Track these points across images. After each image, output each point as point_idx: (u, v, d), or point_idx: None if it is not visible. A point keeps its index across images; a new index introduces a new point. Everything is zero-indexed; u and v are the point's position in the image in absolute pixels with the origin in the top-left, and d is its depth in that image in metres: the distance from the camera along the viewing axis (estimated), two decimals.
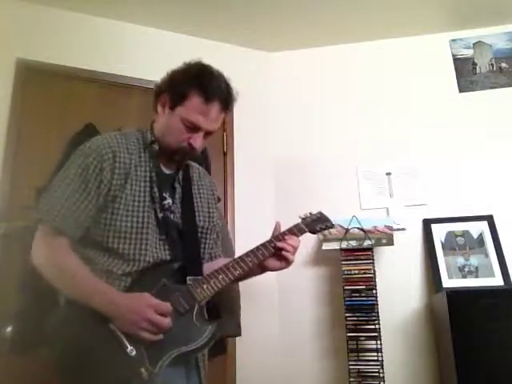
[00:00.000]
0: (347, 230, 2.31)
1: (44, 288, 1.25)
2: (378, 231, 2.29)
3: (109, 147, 1.27)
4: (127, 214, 1.24)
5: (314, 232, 1.44)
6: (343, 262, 2.25)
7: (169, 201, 1.34)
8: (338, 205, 2.41)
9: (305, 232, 1.41)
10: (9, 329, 1.48)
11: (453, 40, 2.64)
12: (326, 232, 1.47)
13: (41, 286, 1.26)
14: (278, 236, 1.36)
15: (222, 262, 1.39)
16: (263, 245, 1.34)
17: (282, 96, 2.75)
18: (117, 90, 2.42)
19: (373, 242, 2.26)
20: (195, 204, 1.41)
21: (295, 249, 1.35)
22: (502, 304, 1.84)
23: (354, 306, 2.18)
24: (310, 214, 1.46)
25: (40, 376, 1.79)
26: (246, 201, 2.53)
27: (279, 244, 1.33)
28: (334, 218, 2.29)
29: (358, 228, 2.31)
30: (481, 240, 2.28)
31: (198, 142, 1.31)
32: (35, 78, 2.26)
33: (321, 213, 1.48)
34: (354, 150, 2.58)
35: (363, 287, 2.19)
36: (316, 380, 2.30)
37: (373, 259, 2.24)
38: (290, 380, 2.31)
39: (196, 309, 1.22)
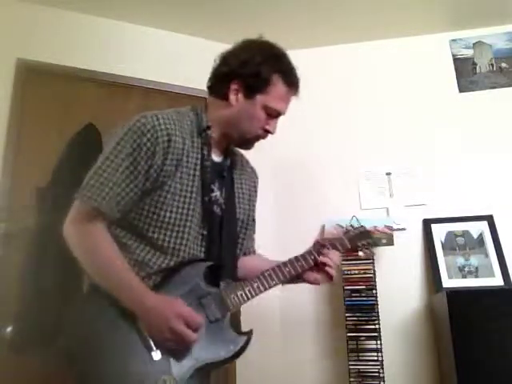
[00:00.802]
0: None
1: (45, 286, 1.24)
2: (378, 231, 2.29)
3: (165, 129, 1.16)
4: (173, 204, 1.15)
5: (355, 249, 1.36)
6: (343, 262, 2.25)
7: (216, 193, 1.25)
8: (338, 205, 2.41)
9: (347, 248, 1.32)
10: (9, 329, 1.48)
11: (453, 40, 2.64)
12: (369, 251, 1.35)
13: (41, 285, 1.25)
14: (320, 249, 1.27)
15: (254, 260, 1.35)
16: (303, 256, 1.26)
17: None
18: (117, 89, 2.42)
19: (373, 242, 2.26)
20: (236, 195, 1.32)
21: (336, 264, 1.27)
22: (501, 304, 1.84)
23: (354, 306, 2.18)
24: (352, 226, 1.40)
25: (40, 376, 1.79)
26: None
27: (323, 259, 1.25)
28: (334, 218, 2.33)
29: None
30: (481, 240, 2.28)
31: (275, 127, 1.27)
32: (35, 78, 2.26)
33: (363, 227, 1.38)
34: (354, 150, 2.58)
35: (363, 287, 2.19)
36: (316, 380, 2.30)
37: (373, 259, 2.24)
38: (290, 380, 2.31)
39: (227, 318, 1.15)
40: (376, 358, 2.10)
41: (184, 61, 2.56)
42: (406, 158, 2.51)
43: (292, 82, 1.23)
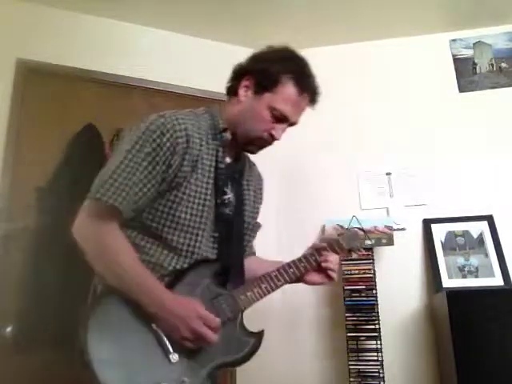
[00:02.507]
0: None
1: (44, 287, 1.23)
2: (378, 231, 2.29)
3: (184, 129, 1.15)
4: (188, 205, 1.15)
5: (350, 251, 1.36)
6: (343, 262, 2.25)
7: (229, 196, 1.25)
8: (338, 205, 2.41)
9: (344, 250, 1.33)
10: (9, 329, 1.48)
11: (453, 40, 2.64)
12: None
13: (42, 284, 1.25)
14: (320, 250, 1.28)
15: (257, 262, 1.36)
16: (305, 257, 1.27)
17: None
18: (117, 89, 2.41)
19: (373, 242, 2.26)
20: (244, 197, 1.32)
21: (337, 267, 1.29)
22: (501, 304, 1.84)
23: (354, 306, 2.18)
24: (347, 229, 1.43)
25: (40, 376, 1.79)
26: None
27: (324, 264, 1.27)
28: (334, 218, 2.33)
29: (358, 228, 2.30)
30: (481, 240, 2.28)
31: (280, 133, 1.23)
32: (35, 78, 2.26)
33: (355, 229, 1.42)
34: (354, 150, 2.58)
35: (363, 287, 2.19)
36: (316, 380, 2.30)
37: (373, 259, 2.24)
38: (290, 380, 2.31)
39: (239, 318, 1.16)
40: (376, 358, 2.10)
41: (185, 61, 2.55)
42: (405, 158, 2.51)
43: (304, 86, 1.20)
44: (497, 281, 2.17)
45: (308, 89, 1.22)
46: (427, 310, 2.27)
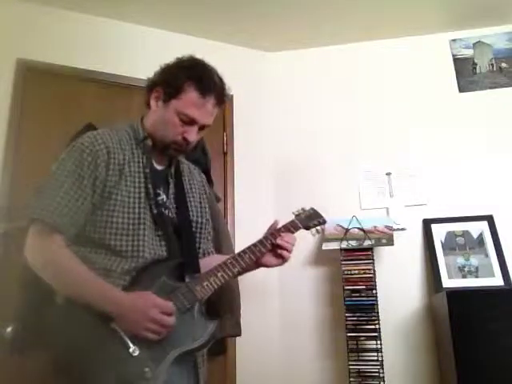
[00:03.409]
0: (347, 230, 2.31)
1: (44, 287, 1.24)
2: (378, 231, 2.29)
3: (102, 143, 1.25)
4: (123, 211, 1.23)
5: (307, 228, 1.45)
6: (343, 262, 2.25)
7: (163, 197, 1.33)
8: (337, 205, 2.41)
9: (299, 228, 1.41)
10: (9, 329, 1.47)
11: (453, 40, 2.64)
12: (318, 229, 1.48)
13: (41, 285, 1.25)
14: (274, 233, 1.35)
15: (216, 258, 1.39)
16: (260, 241, 1.34)
17: (281, 96, 2.75)
18: (117, 89, 2.42)
19: (373, 241, 2.26)
20: (188, 199, 1.40)
21: (292, 246, 1.35)
22: (501, 304, 1.84)
23: (354, 306, 2.18)
24: (303, 209, 1.47)
25: (40, 376, 1.79)
26: (246, 201, 2.53)
27: (278, 241, 1.33)
28: (334, 218, 2.33)
29: (357, 228, 2.31)
30: (481, 240, 2.28)
31: (192, 135, 1.30)
32: (35, 78, 2.26)
33: (313, 209, 1.49)
34: (354, 150, 2.58)
35: (363, 287, 2.19)
36: (316, 380, 2.30)
37: (373, 259, 2.24)
38: (290, 380, 2.31)
39: (197, 307, 1.21)
40: (376, 358, 2.10)
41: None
42: (406, 158, 2.51)
43: (205, 89, 1.28)
44: (497, 281, 2.17)
45: (210, 91, 1.29)
46: (427, 310, 2.27)
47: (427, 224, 2.37)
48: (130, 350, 1.09)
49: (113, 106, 2.35)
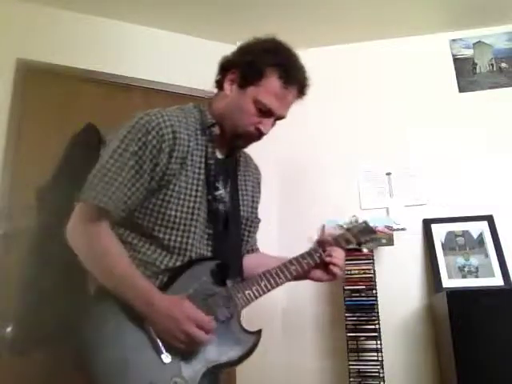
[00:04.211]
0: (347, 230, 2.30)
1: (45, 287, 1.23)
2: (378, 231, 2.29)
3: (170, 126, 1.14)
4: (178, 203, 1.14)
5: (359, 244, 1.34)
6: None
7: (221, 191, 1.23)
8: (338, 205, 2.41)
9: (351, 244, 1.30)
10: (9, 329, 1.47)
11: (453, 40, 2.64)
12: (370, 246, 1.33)
13: (42, 285, 1.24)
14: (325, 245, 1.26)
15: (260, 258, 1.33)
16: (309, 253, 1.25)
17: None
18: (117, 89, 2.42)
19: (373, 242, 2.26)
20: (240, 193, 1.30)
21: (343, 262, 1.26)
22: (501, 304, 1.84)
23: (354, 306, 2.18)
24: (356, 222, 1.40)
25: (40, 376, 1.79)
26: None
27: (328, 259, 1.24)
28: (333, 218, 2.33)
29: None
30: (481, 240, 2.28)
31: (267, 127, 1.20)
32: (35, 78, 2.26)
33: (366, 222, 1.37)
34: (354, 150, 2.58)
35: (363, 287, 2.19)
36: (316, 380, 2.30)
37: (373, 259, 2.24)
38: (290, 379, 2.31)
39: (235, 317, 1.14)
40: (376, 358, 2.10)
41: (184, 61, 2.56)
42: (406, 158, 2.51)
43: (289, 79, 1.16)
44: (497, 281, 2.17)
45: (294, 82, 1.18)
46: (427, 310, 2.27)
47: (427, 224, 2.37)
48: (162, 356, 1.03)
49: (113, 105, 2.35)
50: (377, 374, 2.08)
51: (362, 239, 1.32)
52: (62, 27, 2.39)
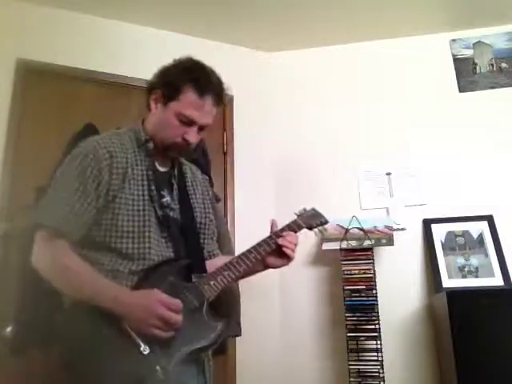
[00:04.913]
0: (347, 230, 2.31)
1: (45, 288, 1.24)
2: (378, 231, 2.29)
3: (104, 147, 1.26)
4: (128, 214, 1.24)
5: (310, 228, 1.45)
6: (343, 262, 2.25)
7: (167, 198, 1.33)
8: (338, 205, 2.41)
9: (302, 228, 1.42)
10: (9, 329, 1.47)
11: (453, 40, 2.64)
12: (321, 229, 1.48)
13: (42, 285, 1.25)
14: (277, 232, 1.36)
15: (221, 260, 1.39)
16: (264, 241, 1.34)
17: (282, 96, 2.75)
18: (117, 89, 2.42)
19: (373, 241, 2.26)
20: (191, 200, 1.41)
21: (295, 245, 1.35)
22: (501, 304, 1.84)
23: (354, 306, 2.18)
24: (305, 210, 1.47)
25: (40, 376, 1.79)
26: (246, 201, 2.53)
27: (280, 241, 1.33)
28: (333, 217, 2.32)
29: (357, 228, 2.31)
30: (481, 240, 2.28)
31: (192, 136, 1.31)
32: (35, 78, 2.26)
33: (314, 209, 1.50)
34: (354, 149, 2.58)
35: (363, 287, 2.19)
36: (316, 380, 2.30)
37: (373, 259, 2.24)
38: (290, 380, 2.31)
39: (205, 306, 1.22)
40: (376, 358, 2.10)
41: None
42: (405, 158, 2.51)
43: (203, 90, 1.29)
44: (497, 281, 2.17)
45: (207, 91, 1.30)
46: (427, 310, 2.27)
47: (427, 224, 2.37)
48: (141, 349, 1.09)
49: (113, 106, 2.35)
50: (377, 374, 2.09)
51: (312, 223, 1.45)
52: (62, 27, 2.39)
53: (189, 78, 1.29)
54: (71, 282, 1.18)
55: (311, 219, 1.45)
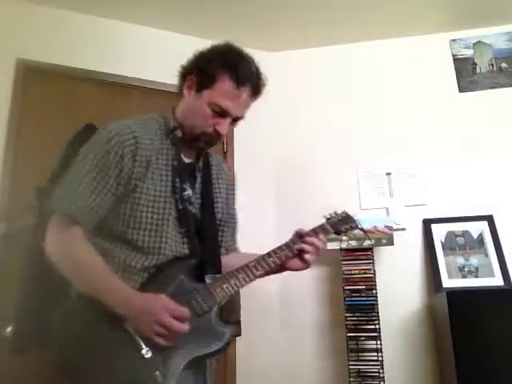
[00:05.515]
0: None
1: (45, 287, 1.24)
2: (378, 231, 2.29)
3: (130, 132, 1.19)
4: (148, 205, 1.18)
5: (338, 233, 1.38)
6: (343, 262, 2.25)
7: (189, 192, 1.28)
8: (338, 205, 2.40)
9: (329, 233, 1.34)
10: (9, 329, 1.47)
11: (453, 40, 2.64)
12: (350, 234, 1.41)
13: (42, 285, 1.25)
14: (303, 236, 1.30)
15: (239, 257, 1.34)
16: (286, 245, 1.29)
17: (282, 96, 2.74)
18: (117, 89, 2.42)
19: (373, 241, 2.26)
20: (214, 194, 1.35)
21: (316, 249, 1.29)
22: (501, 304, 1.84)
23: (354, 306, 2.18)
24: (335, 213, 1.40)
25: (40, 376, 1.79)
26: (246, 201, 2.52)
27: (300, 246, 1.28)
28: None
29: (358, 228, 2.30)
30: (481, 240, 2.28)
31: (224, 127, 1.24)
32: (35, 78, 2.26)
33: (346, 212, 1.41)
34: (354, 150, 2.58)
35: (363, 287, 2.19)
36: (316, 380, 2.30)
37: (373, 259, 2.24)
38: (290, 380, 2.31)
39: (214, 310, 1.17)
40: (376, 358, 2.10)
41: (184, 61, 2.55)
42: (406, 158, 2.51)
43: (240, 80, 1.21)
44: (497, 281, 2.17)
45: (245, 82, 1.23)
46: (427, 310, 2.27)
47: (427, 224, 2.37)
48: (143, 352, 1.06)
49: (113, 105, 2.35)
50: (377, 374, 2.09)
51: (341, 228, 1.37)
52: (62, 27, 2.39)
53: (225, 64, 1.23)
54: (80, 274, 1.14)
55: (340, 224, 1.38)
